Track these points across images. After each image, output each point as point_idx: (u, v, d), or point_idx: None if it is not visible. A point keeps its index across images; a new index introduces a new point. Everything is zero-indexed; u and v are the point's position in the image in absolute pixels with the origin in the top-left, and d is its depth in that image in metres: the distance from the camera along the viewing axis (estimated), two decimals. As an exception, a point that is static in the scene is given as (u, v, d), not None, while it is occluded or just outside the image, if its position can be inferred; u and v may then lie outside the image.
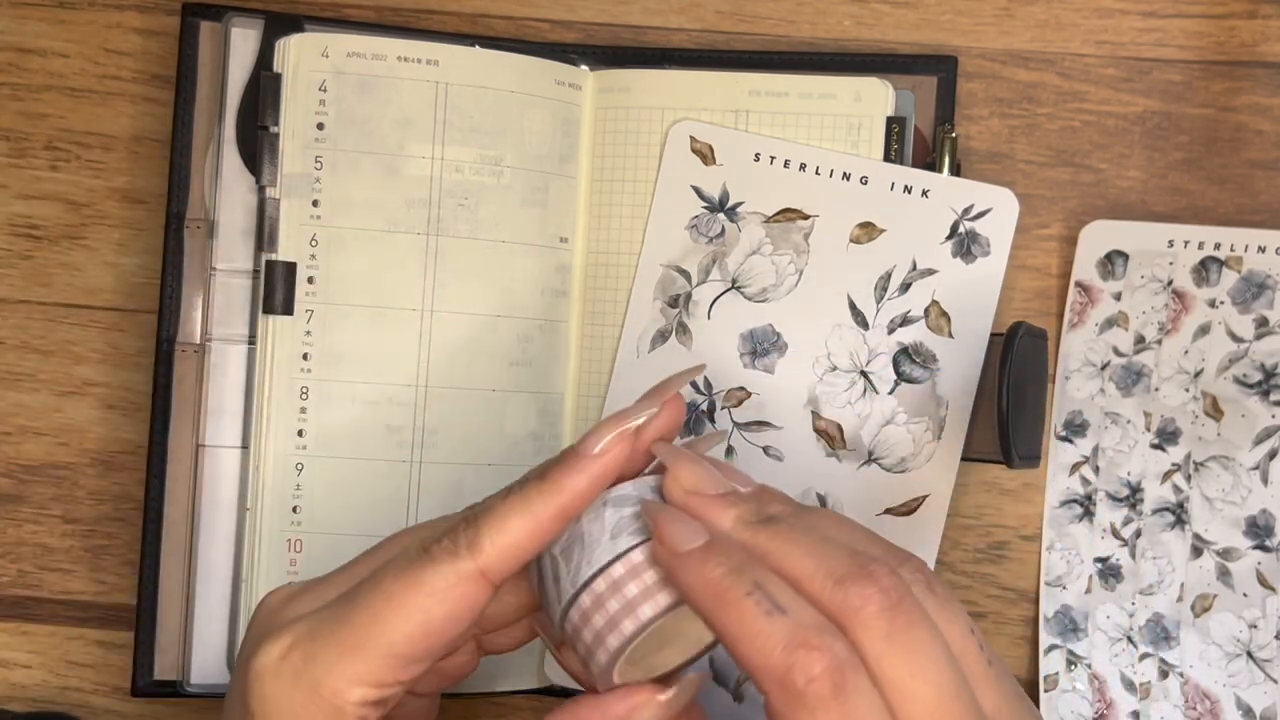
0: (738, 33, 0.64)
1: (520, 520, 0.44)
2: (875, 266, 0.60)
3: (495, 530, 0.44)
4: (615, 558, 0.44)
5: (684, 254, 0.61)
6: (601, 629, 0.43)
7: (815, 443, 0.60)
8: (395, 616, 0.43)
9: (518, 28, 0.65)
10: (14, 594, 0.64)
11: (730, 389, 0.61)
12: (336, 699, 0.43)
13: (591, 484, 0.45)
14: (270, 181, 0.59)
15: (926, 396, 0.60)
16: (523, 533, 0.44)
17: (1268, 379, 0.62)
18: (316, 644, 0.44)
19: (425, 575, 0.43)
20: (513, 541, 0.44)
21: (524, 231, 0.61)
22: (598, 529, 0.44)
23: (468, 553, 0.43)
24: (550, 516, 0.44)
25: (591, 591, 0.44)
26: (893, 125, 0.61)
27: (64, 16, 0.65)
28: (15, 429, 0.64)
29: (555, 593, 0.45)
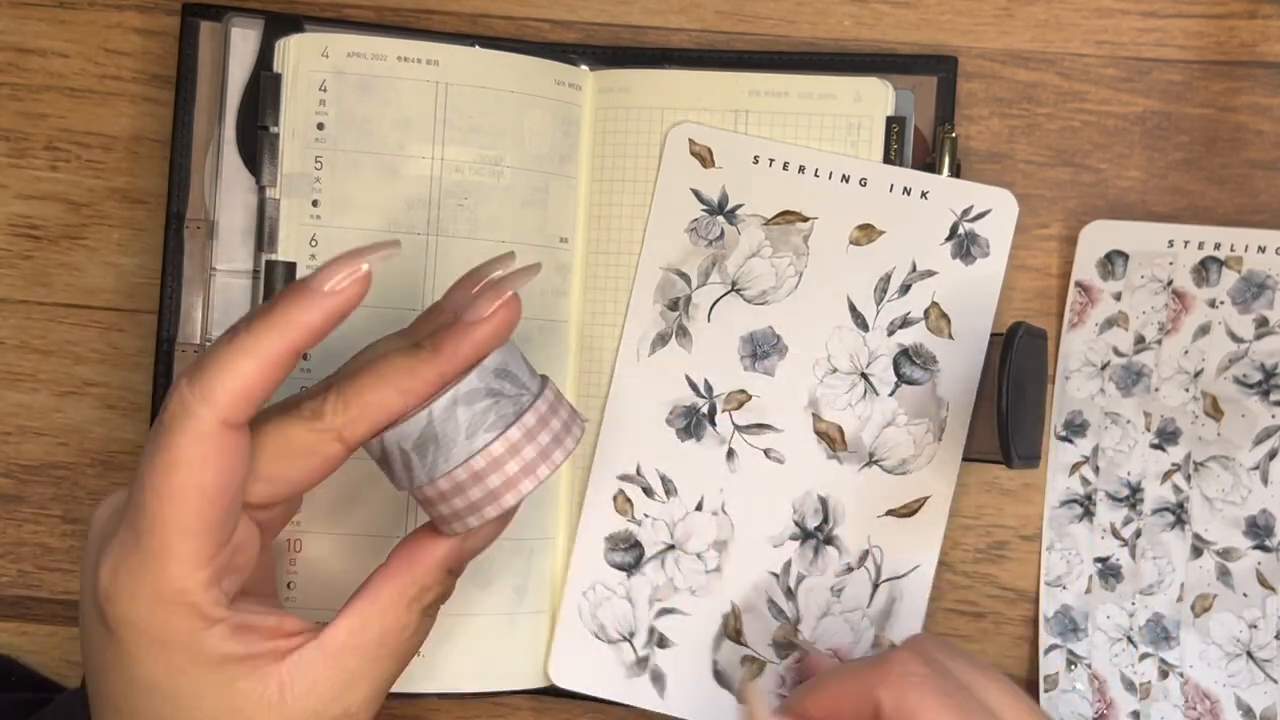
0: (738, 33, 0.64)
1: (251, 363, 0.43)
2: (875, 268, 0.60)
3: (225, 375, 0.43)
4: (474, 454, 0.46)
5: (684, 257, 0.61)
6: (461, 509, 0.46)
7: (816, 445, 0.60)
8: (171, 506, 0.43)
9: (518, 28, 0.65)
10: (14, 594, 0.64)
11: (731, 391, 0.61)
12: (180, 598, 0.43)
13: (324, 320, 0.45)
14: (270, 182, 0.59)
15: (927, 398, 0.60)
16: (253, 375, 0.43)
17: (1268, 379, 0.62)
18: (135, 555, 0.43)
19: (173, 449, 0.43)
20: (245, 385, 0.43)
21: (524, 231, 0.61)
22: (452, 429, 0.46)
23: (202, 407, 0.43)
24: (282, 354, 0.44)
25: (451, 479, 0.46)
26: (892, 125, 0.61)
27: (64, 16, 0.65)
28: (15, 429, 0.64)
29: (406, 476, 0.47)
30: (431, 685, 0.61)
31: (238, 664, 0.45)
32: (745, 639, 0.60)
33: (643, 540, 0.62)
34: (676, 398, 0.61)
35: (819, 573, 0.59)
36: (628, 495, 0.62)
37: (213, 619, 0.44)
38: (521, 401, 0.47)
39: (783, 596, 0.60)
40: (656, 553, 0.61)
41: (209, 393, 0.43)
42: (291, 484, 0.47)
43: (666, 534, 0.61)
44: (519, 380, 0.48)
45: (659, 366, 0.61)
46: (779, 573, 0.60)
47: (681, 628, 0.61)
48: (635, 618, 0.61)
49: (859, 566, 0.59)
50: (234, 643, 0.45)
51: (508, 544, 0.61)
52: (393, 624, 0.47)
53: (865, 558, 0.60)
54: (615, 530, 0.62)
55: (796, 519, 0.60)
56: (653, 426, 0.62)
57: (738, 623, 0.60)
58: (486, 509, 0.46)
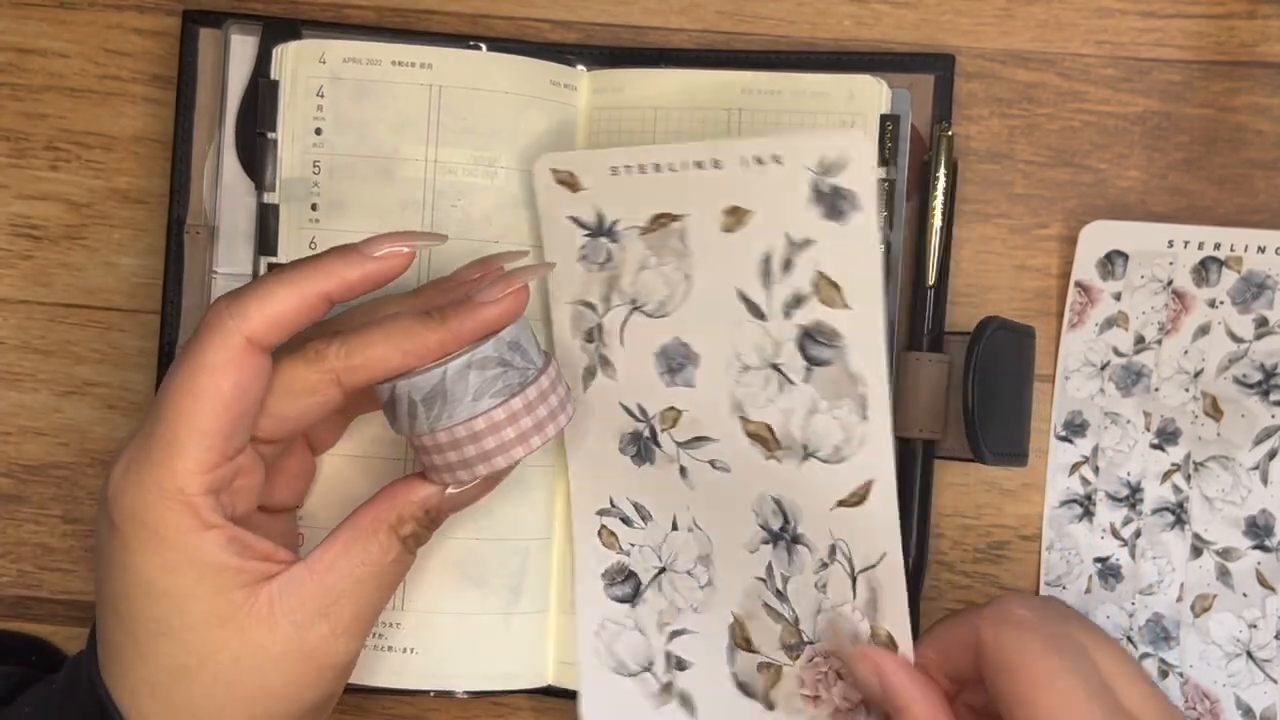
0: (737, 33, 0.64)
1: (287, 292, 0.48)
2: (753, 251, 0.56)
3: (262, 299, 0.48)
4: (477, 415, 0.49)
5: (584, 286, 0.60)
6: (454, 462, 0.50)
7: (751, 447, 0.57)
8: (190, 404, 0.47)
9: (518, 28, 0.65)
10: (14, 594, 0.64)
11: (662, 410, 0.59)
12: (180, 495, 0.47)
13: (362, 280, 0.50)
14: (269, 186, 0.60)
15: (841, 376, 0.56)
16: (288, 305, 0.48)
17: (1268, 379, 0.62)
18: (146, 452, 0.47)
19: (200, 354, 0.47)
20: (278, 311, 0.48)
21: (518, 231, 0.61)
22: (461, 389, 0.49)
23: (233, 321, 0.47)
24: (316, 295, 0.49)
25: (451, 434, 0.50)
26: (887, 123, 0.60)
27: (64, 16, 0.65)
28: (15, 429, 0.64)
29: (409, 422, 0.50)
30: (430, 685, 0.61)
31: (231, 573, 0.48)
32: (756, 646, 0.59)
33: (635, 569, 0.61)
34: (620, 425, 0.60)
35: (799, 572, 0.58)
36: (610, 529, 0.61)
37: (209, 524, 0.47)
38: (527, 375, 0.51)
39: (775, 599, 0.58)
40: (651, 578, 0.61)
41: (243, 310, 0.47)
42: (290, 422, 0.51)
43: (655, 558, 0.61)
44: (528, 355, 0.51)
45: (596, 399, 0.60)
46: (764, 577, 0.58)
47: (694, 646, 0.60)
48: (650, 646, 0.61)
49: (832, 562, 0.56)
50: (228, 552, 0.48)
51: (503, 544, 0.61)
52: (374, 547, 0.51)
53: (834, 552, 0.56)
54: (608, 565, 0.62)
55: (760, 523, 0.58)
56: (611, 457, 0.61)
57: (744, 631, 0.59)
58: (478, 466, 0.50)
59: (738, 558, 0.59)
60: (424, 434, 0.50)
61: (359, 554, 0.50)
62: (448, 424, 0.50)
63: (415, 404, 0.50)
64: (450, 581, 0.60)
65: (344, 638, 0.50)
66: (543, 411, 0.51)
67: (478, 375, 0.50)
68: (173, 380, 0.47)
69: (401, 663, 0.60)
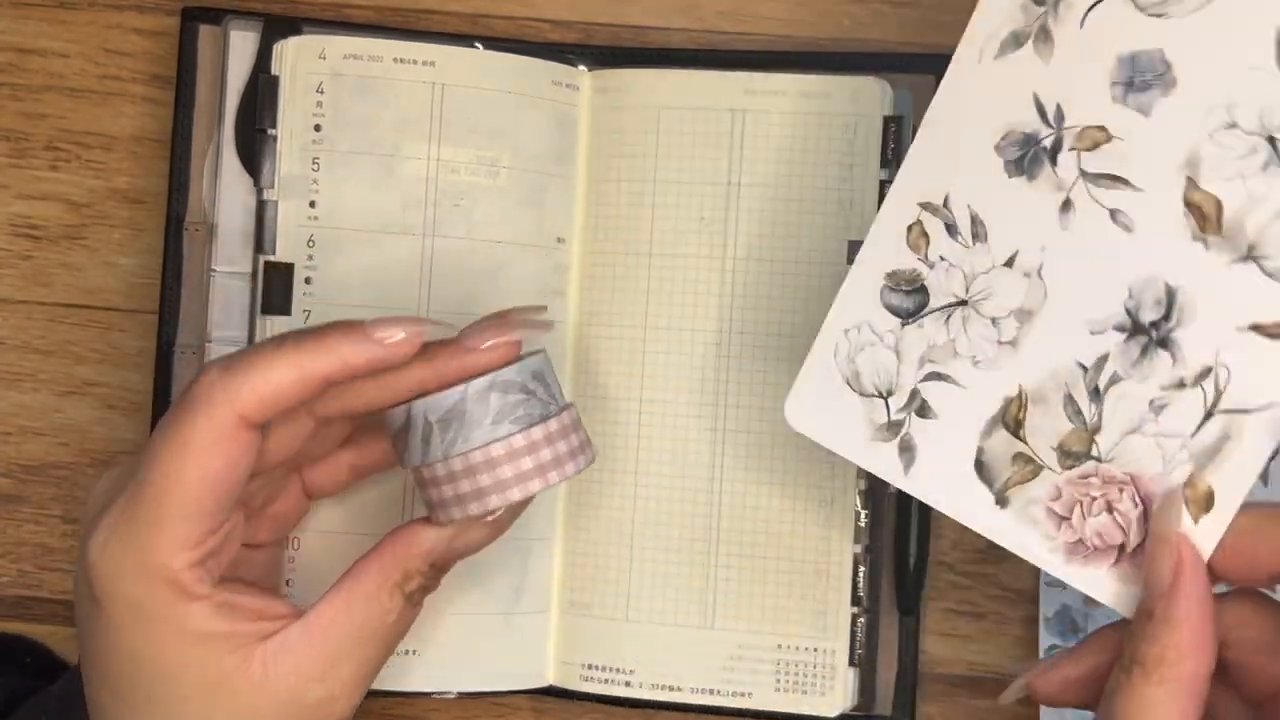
0: (738, 33, 0.64)
1: (285, 371, 0.45)
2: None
3: (257, 377, 0.45)
4: (495, 440, 0.47)
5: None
6: (466, 493, 0.48)
7: (1182, 219, 0.47)
8: (175, 483, 0.44)
9: (518, 28, 0.65)
10: (14, 594, 0.64)
11: (1086, 126, 0.48)
12: (165, 571, 0.45)
13: (366, 365, 0.47)
14: (268, 183, 0.60)
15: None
16: (285, 385, 0.45)
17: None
18: (128, 527, 0.45)
19: (189, 433, 0.45)
20: (274, 391, 0.45)
21: (520, 232, 0.61)
22: (481, 411, 0.47)
23: (226, 399, 0.45)
24: (318, 377, 0.46)
25: (466, 459, 0.47)
26: (889, 124, 0.61)
27: (64, 16, 0.65)
28: (15, 429, 0.64)
29: (421, 449, 0.48)
30: (430, 685, 0.61)
31: (221, 640, 0.46)
32: (1025, 434, 0.49)
33: (930, 286, 0.51)
34: (1015, 121, 0.49)
35: (1140, 379, 0.47)
36: (925, 228, 0.51)
37: (195, 595, 0.45)
38: (549, 408, 0.49)
39: (1086, 396, 0.48)
40: (943, 305, 0.51)
41: (237, 388, 0.45)
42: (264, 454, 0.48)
43: (961, 286, 0.50)
44: (550, 389, 0.50)
45: (1003, 76, 0.49)
46: (1089, 366, 0.48)
47: (950, 400, 0.50)
48: (899, 375, 0.51)
49: (1194, 384, 0.47)
50: (217, 619, 0.46)
51: (506, 543, 0.60)
52: (375, 607, 0.49)
53: (1205, 375, 0.46)
54: (901, 267, 0.51)
55: (1130, 306, 0.48)
56: (977, 148, 0.50)
57: (1021, 412, 0.49)
58: (490, 498, 0.48)
59: (1070, 332, 0.49)
60: (437, 460, 0.48)
61: (360, 614, 0.48)
62: (464, 448, 0.47)
63: (431, 426, 0.48)
64: (451, 581, 0.60)
65: (343, 699, 0.48)
66: (563, 448, 0.49)
67: (499, 398, 0.48)
68: (158, 455, 0.45)
69: (401, 663, 0.60)
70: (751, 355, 0.61)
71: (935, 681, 0.63)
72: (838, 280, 0.52)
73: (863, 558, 0.61)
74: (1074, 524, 0.48)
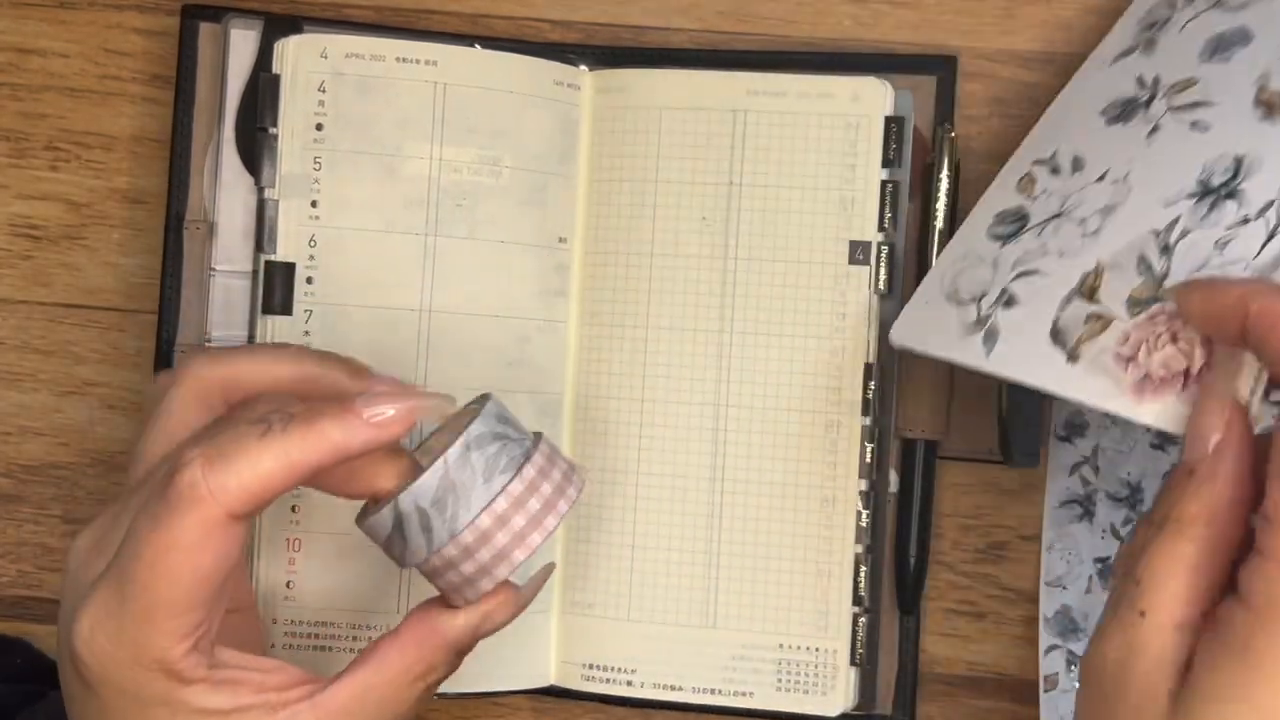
0: (738, 33, 0.64)
1: (274, 465, 0.43)
2: None
3: (244, 470, 0.43)
4: (496, 496, 0.45)
5: None
6: (489, 561, 0.45)
7: (1251, 111, 0.51)
8: (165, 581, 0.42)
9: (518, 28, 0.65)
10: (14, 594, 0.64)
11: (1177, 80, 0.54)
12: (161, 662, 0.43)
13: (360, 448, 0.44)
14: (269, 182, 0.60)
15: None
16: (273, 477, 0.43)
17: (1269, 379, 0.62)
18: (116, 621, 0.43)
19: (175, 530, 0.42)
20: (261, 485, 0.43)
21: (522, 232, 0.61)
22: (468, 475, 0.45)
23: (212, 495, 0.42)
24: (308, 467, 0.44)
25: (475, 529, 0.45)
26: (891, 125, 0.61)
27: (64, 16, 0.65)
28: (15, 429, 0.64)
29: (424, 540, 0.45)
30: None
31: (223, 718, 0.44)
32: (1099, 296, 0.51)
33: (1031, 213, 0.55)
34: (1120, 93, 0.55)
35: (1209, 227, 0.50)
36: (1034, 176, 0.56)
37: (193, 679, 0.44)
38: (525, 444, 0.48)
39: (1156, 253, 0.51)
40: (1039, 221, 0.55)
41: (224, 483, 0.42)
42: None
43: (1058, 204, 0.55)
44: (518, 426, 0.48)
45: (1115, 71, 0.56)
46: (1160, 230, 0.51)
47: (1035, 288, 0.54)
48: (992, 280, 0.55)
49: (1257, 218, 0.49)
50: (218, 697, 0.44)
51: (507, 544, 0.61)
52: (392, 697, 0.47)
53: (1268, 208, 0.49)
54: (1008, 207, 0.56)
55: (1202, 178, 0.51)
56: (1085, 118, 0.56)
57: (1097, 280, 0.52)
58: (515, 553, 0.46)
59: (1147, 210, 0.52)
60: (445, 544, 0.45)
61: (375, 702, 0.46)
62: (468, 518, 0.45)
63: (426, 512, 0.45)
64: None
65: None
66: (556, 474, 0.48)
67: (479, 455, 0.46)
68: (144, 551, 0.43)
69: (403, 663, 0.60)
70: (753, 355, 0.61)
71: (935, 681, 0.63)
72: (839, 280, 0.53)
73: (864, 557, 0.61)
74: (1140, 361, 0.50)
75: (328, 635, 0.60)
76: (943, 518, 0.64)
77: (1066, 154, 0.55)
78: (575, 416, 0.63)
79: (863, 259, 0.61)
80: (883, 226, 0.61)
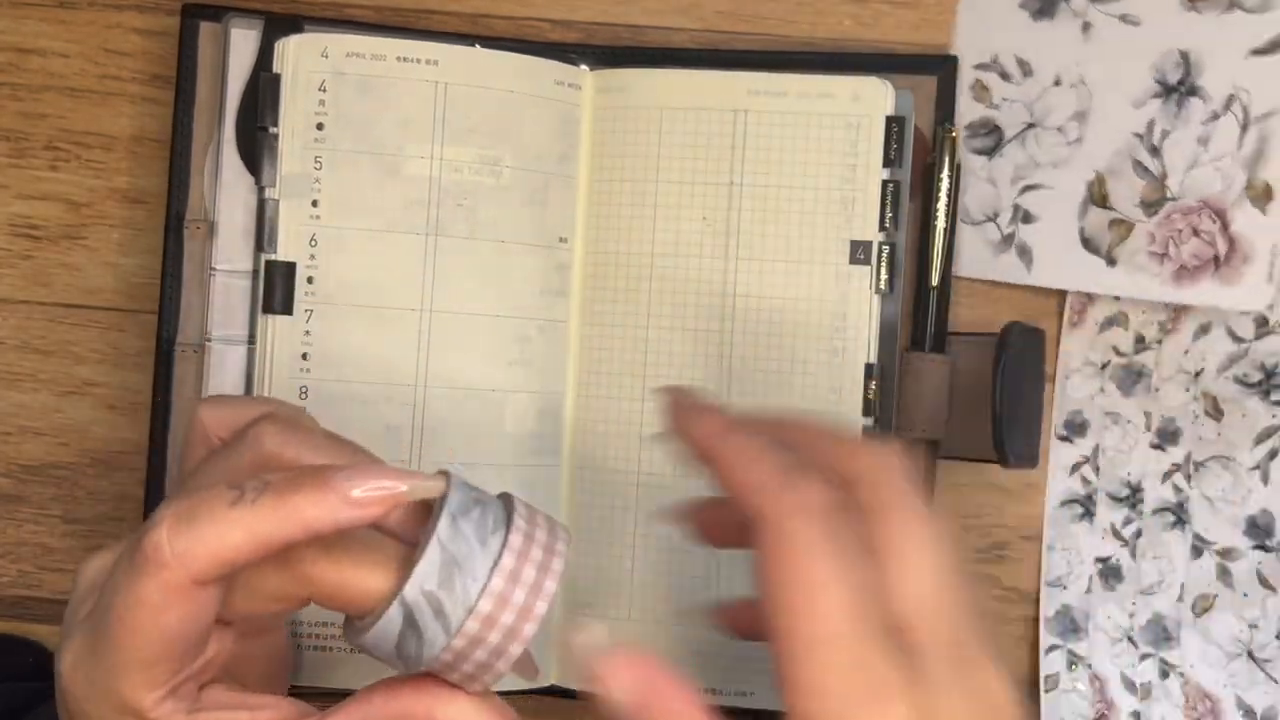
0: (738, 33, 0.64)
1: (244, 538, 0.41)
2: None
3: (214, 542, 0.41)
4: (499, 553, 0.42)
5: None
6: (512, 623, 0.42)
7: (1175, 1, 0.60)
8: (132, 637, 0.41)
9: (518, 28, 0.65)
10: (14, 594, 0.64)
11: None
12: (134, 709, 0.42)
13: (333, 527, 0.42)
14: (269, 182, 0.60)
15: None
16: (241, 551, 0.41)
17: (1268, 378, 0.62)
18: (91, 662, 0.43)
19: (140, 591, 0.41)
20: (229, 557, 0.41)
21: (523, 231, 0.61)
22: (464, 545, 0.42)
23: (178, 561, 0.41)
24: (276, 543, 0.41)
25: (490, 592, 0.42)
26: (892, 125, 0.61)
27: (64, 16, 0.65)
28: (15, 429, 0.64)
29: (440, 626, 0.42)
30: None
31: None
32: (1111, 203, 0.61)
33: (1002, 124, 0.62)
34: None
35: (1184, 125, 0.60)
36: (984, 83, 0.63)
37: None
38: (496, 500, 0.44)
39: (1147, 155, 0.61)
40: (1016, 133, 0.63)
41: (189, 551, 0.41)
42: (261, 618, 0.46)
43: (1026, 113, 0.62)
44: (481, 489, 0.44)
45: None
46: (1142, 133, 0.61)
47: (1045, 201, 0.62)
48: (1000, 197, 0.63)
49: (1225, 112, 0.59)
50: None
51: (507, 544, 0.61)
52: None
53: (1231, 102, 0.60)
54: (974, 118, 0.63)
55: (1157, 78, 0.61)
56: (1004, 10, 0.62)
57: (1103, 188, 0.61)
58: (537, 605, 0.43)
59: (1119, 113, 0.61)
60: (464, 620, 0.42)
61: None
62: (478, 586, 0.42)
63: (435, 595, 0.42)
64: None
65: None
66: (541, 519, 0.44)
67: (467, 522, 0.42)
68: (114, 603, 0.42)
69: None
70: (754, 355, 0.61)
71: (936, 681, 0.63)
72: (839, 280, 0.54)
73: (864, 557, 0.61)
74: (1172, 255, 0.60)
75: (328, 635, 0.60)
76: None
77: (1008, 56, 0.62)
78: (575, 416, 0.63)
79: (863, 259, 0.61)
80: (883, 226, 0.61)
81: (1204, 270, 0.59)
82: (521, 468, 0.61)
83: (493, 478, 0.60)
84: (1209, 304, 0.60)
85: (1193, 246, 0.60)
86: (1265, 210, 0.60)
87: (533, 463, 0.61)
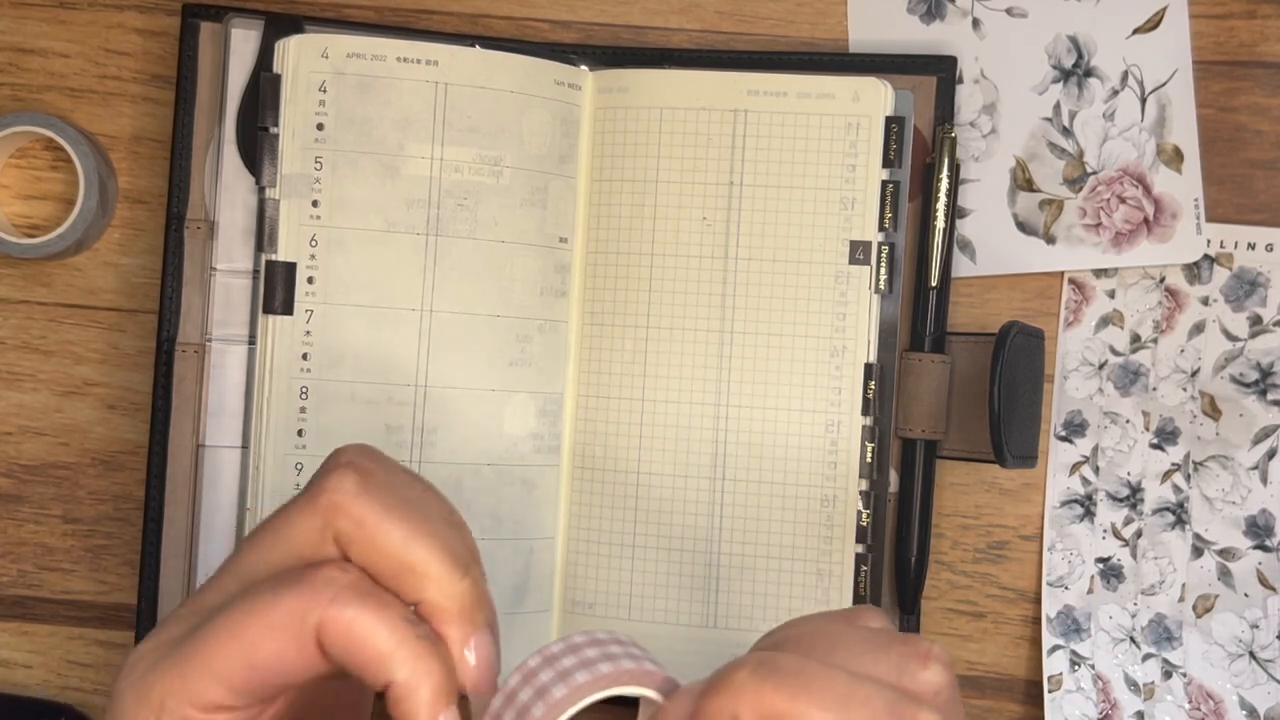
0: (738, 33, 0.64)
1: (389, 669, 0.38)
2: None
3: (365, 642, 0.38)
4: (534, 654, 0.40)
5: None
6: (595, 655, 0.40)
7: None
8: (223, 645, 0.39)
9: (518, 28, 0.65)
10: (14, 594, 0.64)
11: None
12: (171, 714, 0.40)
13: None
14: (270, 182, 0.60)
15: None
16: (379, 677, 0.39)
17: (1264, 378, 0.62)
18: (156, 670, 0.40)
19: (269, 608, 0.39)
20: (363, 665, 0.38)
21: (523, 231, 0.61)
22: (529, 693, 0.39)
23: (332, 602, 0.38)
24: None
25: (569, 644, 0.40)
26: (891, 125, 0.61)
27: (64, 16, 0.65)
28: (15, 429, 0.64)
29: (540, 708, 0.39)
30: (431, 685, 0.61)
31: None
32: (1037, 185, 0.64)
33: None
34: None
35: (1088, 103, 0.64)
36: None
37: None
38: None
39: (1060, 136, 0.64)
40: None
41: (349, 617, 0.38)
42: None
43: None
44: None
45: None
46: (1050, 116, 0.64)
47: (974, 194, 0.64)
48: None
49: (1123, 87, 0.63)
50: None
51: (507, 544, 0.61)
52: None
53: (1126, 78, 0.63)
54: None
55: (1053, 63, 0.64)
56: (895, 14, 0.65)
57: (1026, 172, 0.64)
58: (606, 664, 0.40)
59: (1025, 101, 0.64)
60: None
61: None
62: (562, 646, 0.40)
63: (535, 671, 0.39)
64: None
65: None
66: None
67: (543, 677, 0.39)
68: (228, 613, 0.39)
69: (403, 663, 0.60)
70: (753, 355, 0.61)
71: (936, 681, 0.63)
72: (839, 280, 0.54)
73: (864, 557, 0.61)
74: (1105, 224, 0.63)
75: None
76: (943, 518, 0.64)
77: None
78: (575, 416, 0.63)
79: (863, 259, 0.61)
80: (883, 226, 0.61)
81: (1138, 233, 0.62)
82: (520, 469, 0.61)
83: (491, 478, 0.60)
84: (1149, 263, 0.63)
85: (1123, 213, 0.63)
86: (1180, 171, 0.63)
87: (533, 463, 0.61)
